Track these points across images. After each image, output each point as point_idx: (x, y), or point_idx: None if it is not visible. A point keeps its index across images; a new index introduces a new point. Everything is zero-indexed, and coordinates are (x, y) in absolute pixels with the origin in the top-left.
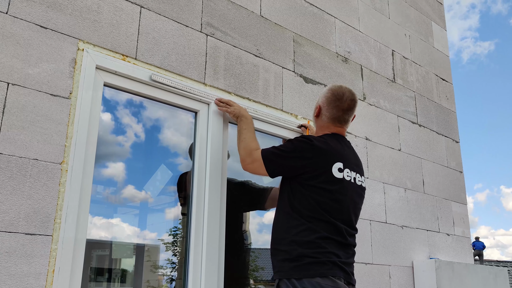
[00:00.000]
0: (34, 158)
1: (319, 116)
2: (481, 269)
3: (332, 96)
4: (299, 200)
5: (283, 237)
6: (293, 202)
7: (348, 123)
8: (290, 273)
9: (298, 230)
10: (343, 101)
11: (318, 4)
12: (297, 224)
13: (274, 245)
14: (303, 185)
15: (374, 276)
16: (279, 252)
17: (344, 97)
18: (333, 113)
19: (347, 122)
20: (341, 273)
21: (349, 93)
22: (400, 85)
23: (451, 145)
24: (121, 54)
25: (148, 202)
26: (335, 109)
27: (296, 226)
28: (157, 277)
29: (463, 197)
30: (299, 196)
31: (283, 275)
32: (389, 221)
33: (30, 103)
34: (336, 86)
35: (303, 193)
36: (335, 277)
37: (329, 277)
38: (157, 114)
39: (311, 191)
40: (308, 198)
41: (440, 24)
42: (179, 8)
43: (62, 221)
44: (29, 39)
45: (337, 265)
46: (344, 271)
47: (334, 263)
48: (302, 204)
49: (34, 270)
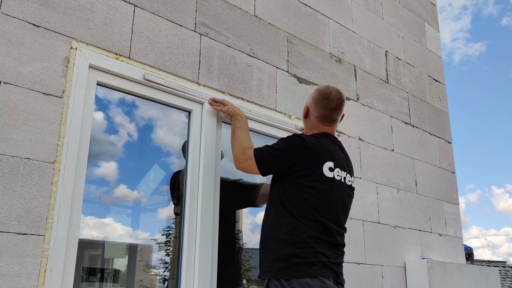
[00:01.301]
0: (26, 157)
1: (307, 117)
2: (472, 269)
3: (319, 96)
4: (290, 199)
5: (273, 235)
6: (283, 200)
7: (336, 122)
8: (279, 273)
9: (288, 229)
10: (330, 100)
11: (312, 4)
12: (287, 222)
13: (264, 243)
14: (294, 183)
15: (367, 276)
16: (269, 250)
17: (331, 96)
18: (321, 113)
19: (335, 121)
20: (330, 273)
21: (336, 92)
22: (393, 86)
23: (444, 146)
24: (115, 53)
25: (141, 202)
26: (323, 109)
27: (286, 225)
28: (150, 277)
29: (455, 197)
30: (289, 194)
31: (273, 275)
32: (381, 221)
33: (22, 101)
34: (323, 86)
35: (294, 192)
36: (324, 277)
37: (318, 277)
38: (149, 113)
39: (302, 190)
40: (298, 197)
41: (433, 25)
42: (173, 8)
43: (54, 220)
44: (21, 38)
45: (326, 265)
46: (333, 271)
47: (323, 263)
48: (292, 203)
49: (26, 270)
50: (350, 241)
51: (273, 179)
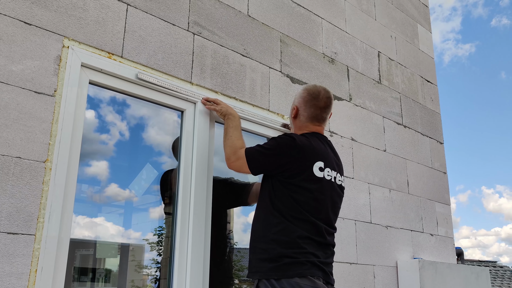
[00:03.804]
0: (17, 156)
1: (297, 117)
2: (463, 268)
3: (308, 96)
4: (280, 198)
5: (263, 235)
6: (274, 200)
7: (326, 121)
8: (269, 273)
9: (278, 229)
10: (319, 100)
11: (306, 4)
12: (277, 222)
13: (254, 243)
14: (284, 183)
15: (359, 276)
16: (258, 250)
17: (320, 95)
18: (311, 112)
19: (325, 120)
20: (320, 273)
21: (324, 91)
22: (386, 86)
23: (436, 146)
24: (107, 52)
25: (133, 201)
26: (313, 108)
27: (276, 224)
28: (141, 277)
29: (447, 197)
30: (280, 194)
31: (262, 275)
32: (373, 221)
33: (13, 100)
34: (311, 85)
35: (284, 191)
36: (313, 276)
37: (307, 277)
38: (141, 112)
39: (292, 190)
40: (289, 197)
41: (426, 26)
42: (166, 7)
43: (45, 220)
44: (12, 36)
45: (316, 265)
46: (323, 271)
47: (313, 263)
48: (282, 203)
49: (16, 270)
50: (342, 241)
51: (264, 178)
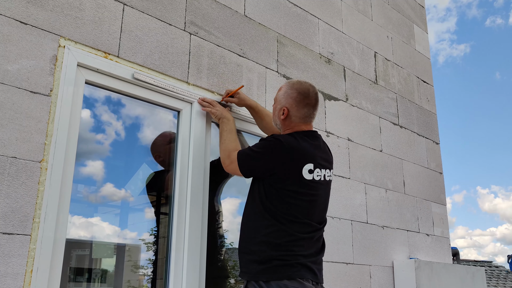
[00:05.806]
0: (13, 156)
1: (287, 118)
2: (459, 268)
3: (299, 96)
4: (272, 201)
5: (253, 236)
6: (265, 201)
7: (315, 117)
8: (258, 276)
9: (269, 231)
10: (310, 98)
11: (302, 5)
12: (267, 224)
13: (243, 243)
14: (274, 186)
15: (355, 276)
16: (248, 251)
17: (310, 92)
18: (304, 112)
19: (314, 117)
20: (309, 275)
21: (312, 87)
22: (382, 87)
23: (432, 147)
24: (103, 51)
25: (129, 202)
26: (306, 108)
27: (267, 226)
28: (138, 277)
29: (443, 198)
30: (270, 196)
31: (251, 277)
32: (370, 221)
33: (9, 100)
34: (296, 83)
35: (274, 193)
36: (303, 279)
37: (296, 279)
38: (137, 112)
39: (282, 193)
40: (280, 200)
41: (422, 27)
42: (163, 7)
43: (41, 220)
44: (8, 35)
45: (305, 267)
46: (312, 272)
47: (302, 265)
48: (274, 205)
49: (12, 270)
50: (338, 241)
51: (254, 179)
